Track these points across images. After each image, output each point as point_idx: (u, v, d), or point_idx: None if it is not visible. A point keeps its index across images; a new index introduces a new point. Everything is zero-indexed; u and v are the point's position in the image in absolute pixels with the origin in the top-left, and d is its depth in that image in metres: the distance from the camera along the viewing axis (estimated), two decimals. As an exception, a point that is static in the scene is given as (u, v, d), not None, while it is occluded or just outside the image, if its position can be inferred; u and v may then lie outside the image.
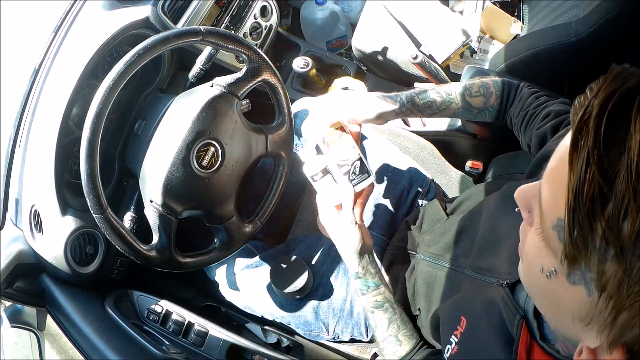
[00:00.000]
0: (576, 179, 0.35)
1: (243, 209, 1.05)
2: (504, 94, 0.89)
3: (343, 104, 0.89)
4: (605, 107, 0.34)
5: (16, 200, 1.00)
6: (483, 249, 0.77)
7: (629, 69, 0.36)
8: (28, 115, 0.99)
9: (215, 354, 1.02)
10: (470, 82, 0.90)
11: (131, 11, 1.06)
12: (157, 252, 0.89)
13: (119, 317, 0.98)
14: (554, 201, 0.39)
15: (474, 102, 0.89)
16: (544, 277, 0.42)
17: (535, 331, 0.58)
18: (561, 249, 0.38)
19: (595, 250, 0.35)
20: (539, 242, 0.42)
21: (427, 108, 0.89)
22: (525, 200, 0.46)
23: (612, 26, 1.08)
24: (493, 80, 0.90)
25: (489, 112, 0.91)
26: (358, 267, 0.85)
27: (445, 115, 0.92)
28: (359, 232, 0.84)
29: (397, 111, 0.89)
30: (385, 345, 0.85)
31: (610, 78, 0.36)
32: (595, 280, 0.37)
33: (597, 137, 0.34)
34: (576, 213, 0.35)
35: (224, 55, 1.27)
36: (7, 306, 0.99)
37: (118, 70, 0.82)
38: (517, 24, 1.55)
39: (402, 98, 0.89)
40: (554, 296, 0.43)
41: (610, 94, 0.34)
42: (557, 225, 0.39)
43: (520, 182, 0.80)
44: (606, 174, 0.33)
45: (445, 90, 0.89)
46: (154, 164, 0.91)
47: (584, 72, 1.22)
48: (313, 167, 0.87)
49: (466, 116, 0.92)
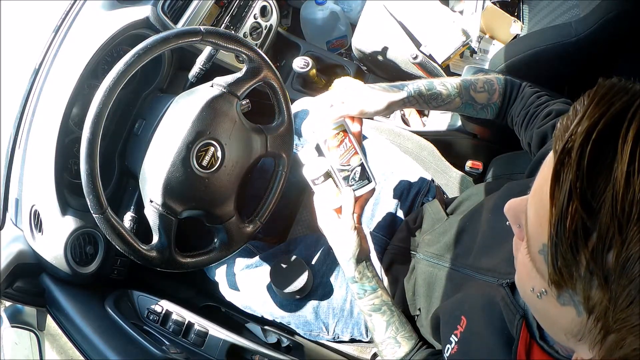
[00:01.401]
0: (558, 213, 0.33)
1: (243, 209, 1.05)
2: (507, 92, 0.89)
3: (350, 99, 0.85)
4: (589, 137, 0.32)
5: (16, 200, 0.99)
6: (483, 249, 0.77)
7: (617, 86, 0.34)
8: (28, 115, 0.99)
9: (215, 354, 1.02)
10: (475, 77, 0.90)
11: (131, 11, 1.06)
12: (157, 252, 0.89)
13: (119, 317, 0.98)
14: (539, 226, 0.37)
15: (477, 98, 0.89)
16: (535, 297, 0.42)
17: (534, 331, 0.58)
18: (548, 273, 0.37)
19: (580, 278, 0.35)
20: (528, 263, 0.41)
21: (432, 100, 0.88)
22: (514, 216, 0.45)
23: (612, 26, 1.08)
24: (497, 78, 0.90)
25: (491, 109, 0.90)
26: (354, 272, 0.84)
27: (449, 109, 0.90)
28: (357, 237, 0.83)
29: (405, 100, 0.86)
30: (384, 347, 0.85)
31: (596, 101, 0.33)
32: (582, 304, 0.36)
33: (579, 170, 0.32)
34: (558, 247, 0.34)
35: (224, 55, 1.27)
36: (7, 306, 0.99)
37: (118, 70, 0.82)
38: (517, 24, 1.55)
39: (410, 88, 0.86)
40: (546, 315, 0.43)
41: (594, 122, 0.32)
42: (543, 250, 0.38)
43: (521, 181, 0.80)
44: (590, 207, 0.32)
45: (450, 83, 0.88)
46: (154, 164, 0.91)
47: (584, 72, 1.22)
48: (314, 170, 0.84)
49: (468, 111, 0.91)
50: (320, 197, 0.86)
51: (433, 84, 0.88)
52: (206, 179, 0.92)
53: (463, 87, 0.88)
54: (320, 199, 0.86)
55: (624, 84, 0.34)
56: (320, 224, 0.87)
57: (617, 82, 0.35)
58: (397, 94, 0.85)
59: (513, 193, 0.78)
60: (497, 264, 0.71)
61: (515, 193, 0.77)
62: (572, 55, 1.16)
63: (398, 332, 0.84)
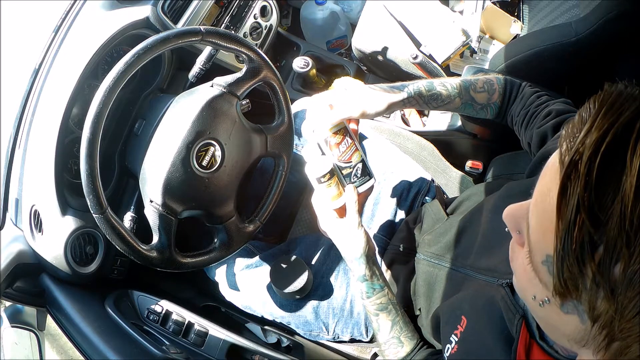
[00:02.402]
0: (565, 226, 0.33)
1: (243, 209, 1.05)
2: (506, 92, 0.89)
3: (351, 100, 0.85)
4: (598, 150, 0.31)
5: (16, 200, 0.99)
6: (483, 249, 0.77)
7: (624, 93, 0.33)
8: (28, 115, 0.99)
9: (215, 354, 1.02)
10: (475, 77, 0.90)
11: (131, 11, 1.06)
12: (157, 252, 0.89)
13: (119, 317, 0.98)
14: (542, 236, 0.37)
15: (477, 98, 0.89)
16: (537, 305, 0.42)
17: (534, 331, 0.58)
18: (552, 283, 0.37)
19: (586, 290, 0.34)
20: (529, 271, 0.41)
21: (432, 100, 0.88)
22: (514, 222, 0.44)
23: (612, 26, 1.08)
24: (496, 78, 0.90)
25: (491, 108, 0.90)
26: (365, 270, 0.84)
27: (448, 109, 0.90)
28: (365, 235, 0.84)
29: (405, 101, 0.86)
30: (387, 347, 0.85)
31: (604, 110, 0.33)
32: (587, 313, 0.36)
33: (587, 184, 0.31)
34: (565, 260, 0.34)
35: (224, 55, 1.27)
36: (7, 306, 0.99)
37: (118, 70, 0.82)
38: (517, 24, 1.55)
39: (410, 89, 0.86)
40: (548, 321, 0.43)
41: (603, 134, 0.32)
42: (547, 261, 0.37)
43: (521, 181, 0.80)
44: (597, 220, 0.32)
45: (450, 84, 0.88)
46: (154, 164, 0.91)
47: (583, 72, 1.22)
48: (319, 168, 0.84)
49: (468, 111, 0.91)
50: (321, 197, 0.86)
51: (433, 84, 0.88)
52: (206, 179, 0.92)
53: (463, 88, 0.88)
54: (321, 199, 0.86)
55: (631, 91, 0.33)
56: (323, 225, 0.86)
57: (624, 89, 0.34)
58: (397, 94, 0.85)
59: (513, 193, 0.78)
60: (497, 264, 0.71)
61: (515, 193, 0.77)
62: (572, 55, 1.16)
63: (402, 331, 0.84)
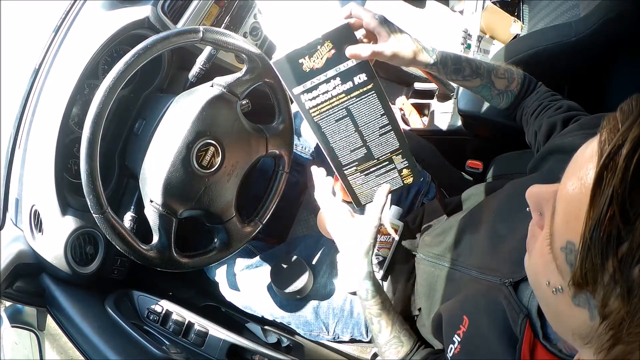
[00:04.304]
0: (596, 216, 0.33)
1: (243, 209, 1.05)
2: (525, 84, 0.90)
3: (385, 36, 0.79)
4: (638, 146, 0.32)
5: (16, 200, 0.99)
6: (485, 249, 0.77)
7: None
8: (28, 115, 0.99)
9: (215, 354, 1.02)
10: (497, 63, 0.91)
11: (131, 11, 1.06)
12: (157, 252, 0.89)
13: (119, 317, 0.98)
14: (566, 223, 0.37)
15: (497, 83, 0.89)
16: (549, 291, 0.42)
17: (538, 330, 0.57)
18: (568, 271, 0.37)
19: (603, 285, 0.34)
20: (547, 255, 0.41)
21: (455, 73, 0.87)
22: (536, 202, 0.44)
23: (612, 26, 1.08)
24: (516, 69, 0.91)
25: (507, 96, 0.90)
26: (369, 267, 0.84)
27: (466, 86, 0.90)
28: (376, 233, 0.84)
29: (429, 64, 0.85)
30: (388, 347, 0.84)
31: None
32: (598, 308, 0.36)
33: (624, 178, 0.32)
34: (590, 250, 0.34)
35: (224, 55, 1.27)
36: (7, 306, 0.99)
37: (118, 70, 0.82)
38: (517, 24, 1.55)
39: (438, 56, 0.85)
40: (556, 311, 0.43)
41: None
42: (566, 247, 0.37)
43: (524, 179, 0.80)
44: (627, 216, 0.32)
45: (476, 63, 0.88)
46: (154, 164, 0.91)
47: (584, 72, 1.22)
48: None
49: (484, 94, 0.91)
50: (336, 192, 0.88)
51: (460, 58, 0.88)
52: (206, 178, 0.92)
53: (486, 69, 0.88)
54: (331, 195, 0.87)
55: None
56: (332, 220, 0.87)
57: None
58: (424, 54, 0.83)
59: (516, 192, 0.78)
60: (499, 263, 0.71)
61: (517, 192, 0.77)
62: (572, 55, 1.16)
63: (400, 330, 0.84)
